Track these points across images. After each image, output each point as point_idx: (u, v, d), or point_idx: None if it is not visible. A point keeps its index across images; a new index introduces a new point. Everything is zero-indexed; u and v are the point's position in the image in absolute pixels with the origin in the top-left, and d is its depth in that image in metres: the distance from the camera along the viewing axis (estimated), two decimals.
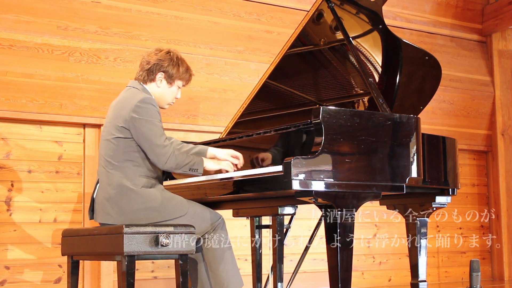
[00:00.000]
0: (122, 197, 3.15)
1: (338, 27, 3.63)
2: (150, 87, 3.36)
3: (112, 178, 3.19)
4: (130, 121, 3.16)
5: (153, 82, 3.35)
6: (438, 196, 3.64)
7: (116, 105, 3.30)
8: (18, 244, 4.23)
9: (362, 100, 3.81)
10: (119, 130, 3.19)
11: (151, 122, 3.16)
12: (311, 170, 2.80)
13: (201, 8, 5.00)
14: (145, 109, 3.16)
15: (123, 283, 2.94)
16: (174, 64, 3.35)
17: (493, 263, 6.27)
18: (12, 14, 4.30)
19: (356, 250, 3.11)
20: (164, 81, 3.35)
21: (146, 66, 3.35)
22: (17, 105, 4.23)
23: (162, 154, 3.14)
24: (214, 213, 3.36)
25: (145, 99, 3.19)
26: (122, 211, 3.14)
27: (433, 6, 6.21)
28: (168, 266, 4.63)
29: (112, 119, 3.25)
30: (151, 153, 3.16)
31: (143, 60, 3.39)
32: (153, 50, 3.40)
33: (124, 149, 3.20)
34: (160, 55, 3.35)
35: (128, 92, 3.32)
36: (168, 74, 3.34)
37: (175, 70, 3.35)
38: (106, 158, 3.23)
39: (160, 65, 3.33)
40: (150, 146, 3.15)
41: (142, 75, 3.36)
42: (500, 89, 6.36)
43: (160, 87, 3.36)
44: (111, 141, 3.22)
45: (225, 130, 4.00)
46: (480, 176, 6.40)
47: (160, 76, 3.34)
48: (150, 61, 3.34)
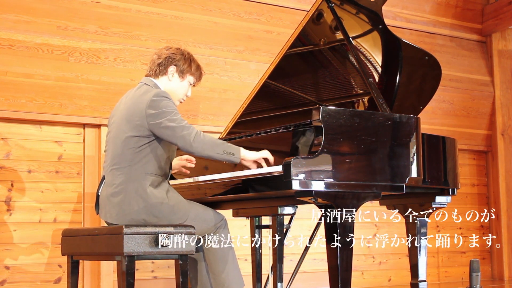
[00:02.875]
0: (124, 198, 3.12)
1: (338, 27, 3.63)
2: (162, 81, 3.32)
3: (117, 179, 3.15)
4: (147, 117, 3.10)
5: (165, 75, 3.32)
6: (438, 196, 3.64)
7: (128, 102, 3.23)
8: (18, 244, 4.23)
9: (362, 100, 3.81)
10: (133, 128, 3.13)
11: (168, 112, 3.10)
12: (311, 170, 2.80)
13: (201, 8, 5.00)
14: (161, 102, 3.11)
15: (123, 283, 2.94)
16: (186, 59, 3.34)
17: (493, 263, 6.28)
18: (11, 14, 4.30)
19: (356, 250, 3.11)
20: (176, 75, 3.32)
21: (158, 60, 3.32)
22: (17, 105, 4.23)
23: (187, 134, 3.04)
24: (217, 214, 3.34)
25: (159, 92, 3.16)
26: (123, 212, 3.13)
27: (433, 6, 6.20)
28: (168, 266, 4.63)
29: (125, 115, 3.18)
30: (175, 137, 3.06)
31: (153, 56, 3.36)
32: (164, 47, 3.40)
33: (134, 149, 3.13)
34: (171, 50, 3.35)
35: (141, 89, 3.25)
36: (180, 69, 3.32)
37: (186, 65, 3.33)
38: (113, 157, 3.18)
39: (172, 58, 3.31)
40: (173, 132, 3.07)
41: (153, 69, 3.33)
42: (500, 89, 6.36)
43: (172, 80, 3.33)
44: (122, 140, 3.15)
45: (225, 130, 4.00)
46: (480, 176, 6.40)
47: (172, 70, 3.31)
48: (161, 56, 3.32)
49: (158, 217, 3.13)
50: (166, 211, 3.14)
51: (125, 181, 3.13)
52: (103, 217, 3.26)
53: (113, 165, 3.18)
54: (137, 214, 3.12)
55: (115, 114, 3.31)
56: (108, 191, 3.19)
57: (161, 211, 3.13)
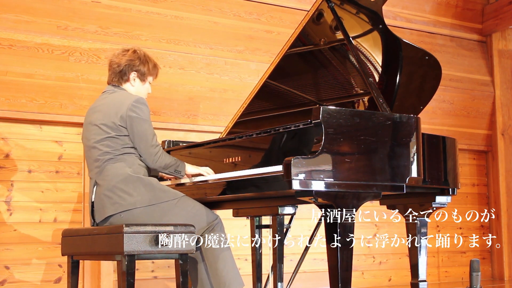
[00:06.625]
0: (127, 183, 3.20)
1: (338, 27, 3.62)
2: (126, 87, 3.45)
3: (112, 170, 3.23)
4: (128, 119, 3.25)
5: (128, 82, 3.45)
6: (438, 196, 3.64)
7: (107, 107, 3.32)
8: (18, 244, 4.23)
9: (362, 100, 3.81)
10: (116, 129, 3.26)
11: (147, 122, 3.29)
12: (311, 170, 2.79)
13: (201, 8, 5.00)
14: (141, 109, 3.28)
15: (123, 283, 2.94)
16: (144, 62, 3.47)
17: (493, 263, 6.28)
18: (12, 14, 4.30)
19: (356, 250, 3.10)
20: (137, 80, 3.46)
21: (118, 68, 3.43)
22: (17, 105, 4.23)
23: (154, 154, 3.28)
24: (211, 212, 3.38)
25: (139, 99, 3.31)
26: (131, 196, 3.18)
27: (433, 6, 6.20)
28: (168, 266, 4.63)
29: (105, 120, 3.29)
30: (144, 151, 3.28)
31: (112, 63, 3.45)
32: (120, 52, 3.48)
33: (121, 145, 3.27)
34: (128, 55, 3.44)
35: (117, 94, 3.37)
36: (140, 73, 3.45)
37: (146, 68, 3.46)
38: (101, 156, 3.27)
39: (131, 65, 3.43)
40: (144, 145, 3.27)
41: (115, 77, 3.45)
42: (500, 89, 6.36)
43: (135, 85, 3.46)
44: (106, 140, 3.27)
45: (225, 130, 4.00)
46: (480, 176, 6.40)
47: (134, 76, 3.44)
48: (121, 63, 3.42)
49: (164, 191, 3.24)
50: (167, 187, 3.29)
51: (123, 169, 3.23)
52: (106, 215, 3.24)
53: (104, 162, 3.26)
54: (145, 193, 3.20)
55: (92, 119, 3.36)
56: (108, 184, 3.23)
57: (163, 186, 3.27)
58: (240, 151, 3.35)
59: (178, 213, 3.23)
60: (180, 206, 3.25)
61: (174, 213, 3.22)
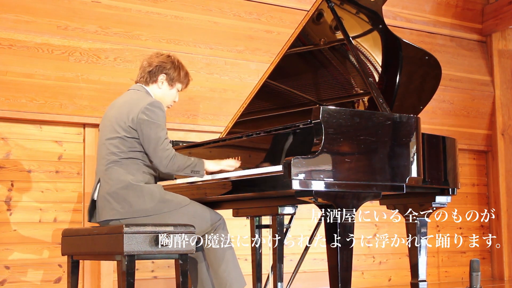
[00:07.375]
0: (128, 191, 3.18)
1: (338, 27, 3.63)
2: (152, 88, 3.43)
3: (115, 174, 3.22)
4: (138, 122, 3.21)
5: (155, 83, 3.43)
6: (438, 196, 3.64)
7: (122, 105, 3.32)
8: (18, 244, 4.23)
9: (362, 100, 3.81)
10: (126, 130, 3.24)
11: (159, 126, 3.23)
12: (311, 170, 2.80)
13: (201, 8, 5.00)
14: (154, 113, 3.23)
15: (123, 283, 2.94)
16: (176, 67, 3.45)
17: (493, 263, 6.27)
18: (12, 14, 4.30)
19: (356, 250, 3.11)
20: (165, 83, 3.43)
21: (148, 68, 3.42)
22: (17, 105, 4.23)
23: (164, 157, 3.20)
24: (214, 213, 3.37)
25: (154, 102, 3.27)
26: (130, 205, 3.16)
27: (433, 6, 6.20)
28: (168, 266, 4.63)
29: (117, 118, 3.28)
30: (154, 155, 3.22)
31: (144, 63, 3.46)
32: (154, 54, 3.49)
33: (128, 148, 3.25)
34: (161, 58, 3.44)
35: (135, 94, 3.37)
36: (170, 77, 3.43)
37: (176, 73, 3.44)
38: (108, 156, 3.26)
39: (162, 67, 3.41)
40: (153, 149, 3.21)
41: (144, 77, 3.44)
42: (500, 89, 6.36)
43: (162, 88, 3.44)
44: (115, 140, 3.25)
45: (225, 130, 4.00)
46: (480, 176, 6.39)
47: (162, 78, 3.42)
48: (152, 63, 3.42)
49: (165, 202, 3.20)
50: (170, 197, 3.24)
51: (125, 176, 3.20)
52: (103, 218, 3.25)
53: (109, 163, 3.25)
54: (145, 203, 3.17)
55: (108, 116, 3.36)
56: (109, 188, 3.22)
57: (165, 196, 3.22)
58: (240, 151, 3.35)
59: (179, 219, 3.22)
60: (182, 212, 3.24)
61: (175, 220, 3.21)
